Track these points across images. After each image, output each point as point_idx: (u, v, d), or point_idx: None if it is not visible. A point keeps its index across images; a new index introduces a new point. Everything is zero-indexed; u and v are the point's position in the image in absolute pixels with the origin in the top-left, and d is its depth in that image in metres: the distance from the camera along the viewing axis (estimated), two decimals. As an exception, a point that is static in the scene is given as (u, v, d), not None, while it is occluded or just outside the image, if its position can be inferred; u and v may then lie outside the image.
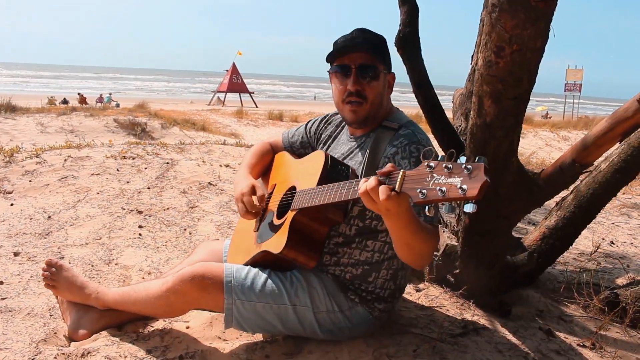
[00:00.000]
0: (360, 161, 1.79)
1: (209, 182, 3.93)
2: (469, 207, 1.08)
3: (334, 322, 1.78)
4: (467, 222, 2.16)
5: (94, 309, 1.95)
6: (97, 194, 3.55)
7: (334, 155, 1.84)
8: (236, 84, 33.24)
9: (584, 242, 3.49)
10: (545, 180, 2.31)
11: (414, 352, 1.81)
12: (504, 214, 2.16)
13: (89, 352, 1.75)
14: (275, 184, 2.00)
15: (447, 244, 2.38)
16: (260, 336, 1.92)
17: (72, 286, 1.96)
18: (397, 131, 1.76)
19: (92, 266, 2.57)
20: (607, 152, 2.37)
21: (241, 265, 1.82)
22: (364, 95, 1.75)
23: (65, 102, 22.71)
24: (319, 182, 1.65)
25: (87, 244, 2.83)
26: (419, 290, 2.40)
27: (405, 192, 1.22)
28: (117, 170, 4.04)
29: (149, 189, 3.69)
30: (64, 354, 1.75)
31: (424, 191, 1.15)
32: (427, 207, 1.16)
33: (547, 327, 2.16)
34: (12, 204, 3.36)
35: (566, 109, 33.12)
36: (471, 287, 2.30)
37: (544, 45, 1.66)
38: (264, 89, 67.03)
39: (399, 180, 1.24)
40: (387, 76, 1.81)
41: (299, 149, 2.09)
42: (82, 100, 24.13)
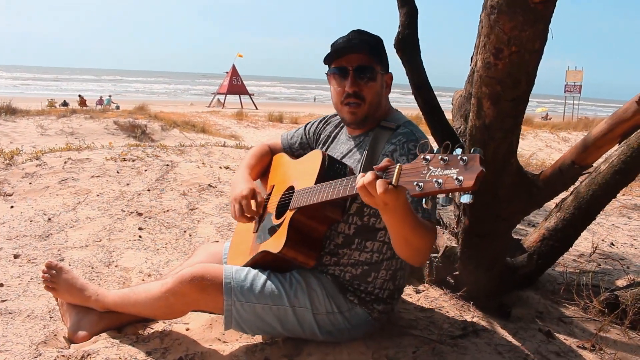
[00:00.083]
0: (358, 159, 1.80)
1: (209, 184, 3.93)
2: (465, 198, 1.08)
3: (333, 323, 1.78)
4: (467, 223, 2.16)
5: (93, 311, 1.95)
6: (97, 196, 3.56)
7: (333, 154, 1.84)
8: (236, 86, 33.26)
9: (583, 243, 3.49)
10: (544, 181, 2.31)
11: (414, 354, 1.81)
12: (503, 215, 2.16)
13: (88, 354, 1.75)
14: (273, 185, 2.00)
15: (447, 246, 2.38)
16: (259, 338, 1.93)
17: (72, 288, 1.96)
18: (395, 130, 1.77)
19: (92, 268, 2.57)
20: (607, 153, 2.37)
21: (241, 266, 1.82)
22: (362, 96, 1.76)
23: (65, 104, 22.73)
24: (317, 181, 1.65)
25: (87, 246, 2.83)
26: (418, 291, 2.40)
27: (402, 185, 1.23)
28: (117, 172, 4.04)
29: (148, 191, 3.69)
30: (63, 356, 1.75)
31: (421, 184, 1.15)
32: (424, 199, 1.16)
33: (547, 328, 2.16)
34: (12, 207, 3.36)
35: (566, 110, 33.14)
36: (471, 288, 2.30)
37: (542, 47, 1.67)
38: (264, 90, 67.02)
39: (395, 173, 1.25)
40: (384, 76, 1.82)
41: (298, 150, 2.10)
42: (82, 102, 24.14)
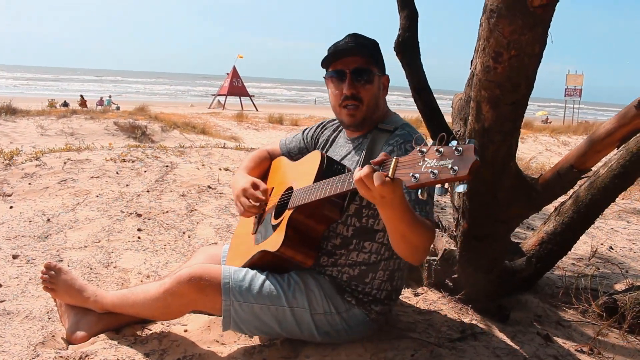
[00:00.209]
0: (357, 161, 1.81)
1: (209, 186, 3.94)
2: (460, 188, 1.09)
3: (331, 324, 1.78)
4: (466, 226, 2.16)
5: (92, 312, 1.95)
6: (97, 196, 3.56)
7: (332, 157, 1.85)
8: (237, 87, 33.27)
9: (582, 247, 3.49)
10: (543, 185, 2.31)
11: (412, 357, 1.81)
12: (502, 218, 2.16)
13: (87, 355, 1.75)
14: (273, 187, 2.01)
15: (446, 249, 2.38)
16: (258, 340, 1.93)
17: (71, 289, 1.96)
18: (393, 132, 1.79)
19: (91, 269, 2.57)
20: (606, 157, 2.38)
21: (239, 267, 1.82)
22: (360, 98, 1.78)
23: (65, 104, 22.74)
24: (316, 181, 1.66)
25: (86, 246, 2.83)
26: (417, 294, 2.40)
27: (398, 177, 1.24)
28: (117, 173, 4.04)
29: (148, 192, 3.70)
30: (62, 356, 1.75)
31: (417, 175, 1.16)
32: (419, 190, 1.17)
33: (545, 332, 2.16)
34: (11, 207, 3.36)
35: (566, 114, 33.17)
36: (469, 291, 2.30)
37: (541, 51, 1.67)
38: (264, 92, 67.07)
39: (392, 166, 1.26)
40: (381, 78, 1.84)
41: (297, 154, 2.11)
42: (83, 103, 24.16)
